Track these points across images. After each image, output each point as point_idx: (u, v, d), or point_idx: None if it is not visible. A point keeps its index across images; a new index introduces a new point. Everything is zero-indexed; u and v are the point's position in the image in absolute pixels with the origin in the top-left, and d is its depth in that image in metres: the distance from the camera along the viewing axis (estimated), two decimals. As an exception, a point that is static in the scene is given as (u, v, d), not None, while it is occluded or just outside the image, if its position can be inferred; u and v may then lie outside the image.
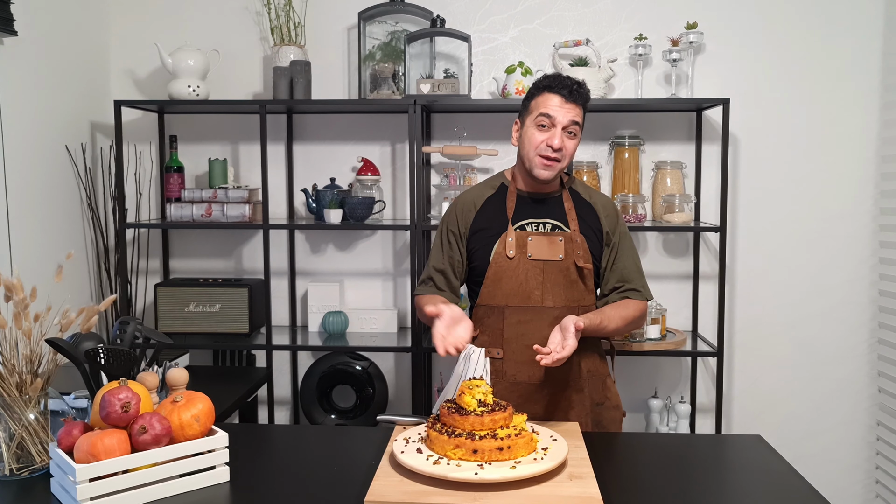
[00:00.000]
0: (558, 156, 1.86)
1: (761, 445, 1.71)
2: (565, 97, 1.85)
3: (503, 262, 1.90)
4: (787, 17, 2.88)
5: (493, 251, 1.91)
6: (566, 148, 1.86)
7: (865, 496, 3.02)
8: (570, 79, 1.87)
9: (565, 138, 1.86)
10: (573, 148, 1.89)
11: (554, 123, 1.85)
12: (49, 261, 2.59)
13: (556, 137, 1.84)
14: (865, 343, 2.97)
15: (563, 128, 1.85)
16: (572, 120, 1.85)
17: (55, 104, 2.70)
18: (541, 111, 1.86)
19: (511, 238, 1.90)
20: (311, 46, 2.94)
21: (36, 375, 1.51)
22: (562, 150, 1.85)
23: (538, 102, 1.88)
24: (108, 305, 1.68)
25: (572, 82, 1.86)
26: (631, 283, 1.95)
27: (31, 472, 1.50)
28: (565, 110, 1.85)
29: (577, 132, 1.88)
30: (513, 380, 1.92)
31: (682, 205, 2.75)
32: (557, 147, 1.84)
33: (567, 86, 1.85)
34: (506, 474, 1.35)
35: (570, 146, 1.87)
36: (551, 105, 1.85)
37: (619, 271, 1.96)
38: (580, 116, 1.87)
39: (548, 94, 1.86)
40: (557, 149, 1.84)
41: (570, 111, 1.85)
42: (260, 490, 1.44)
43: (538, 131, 1.87)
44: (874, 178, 2.92)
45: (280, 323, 3.10)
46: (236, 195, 2.83)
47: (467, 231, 1.97)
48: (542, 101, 1.87)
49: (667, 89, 2.91)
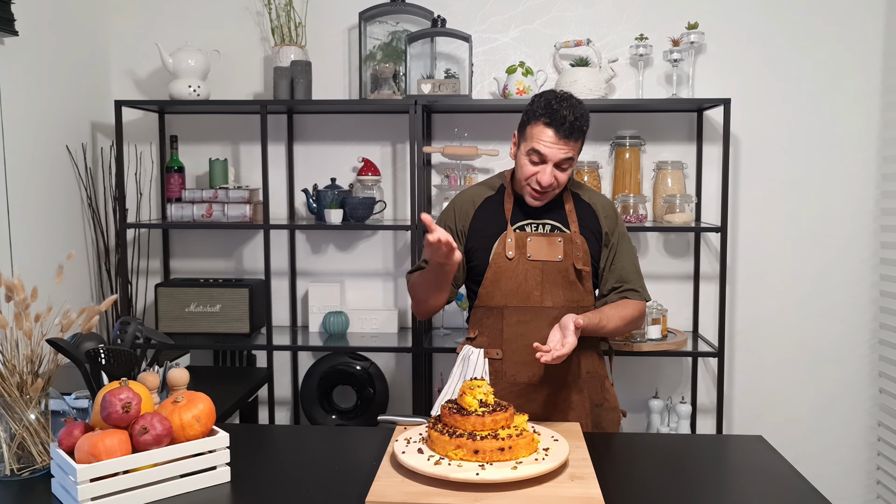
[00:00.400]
0: (548, 189, 1.85)
1: (762, 446, 1.71)
2: (560, 135, 1.79)
3: (502, 262, 1.90)
4: (787, 17, 2.88)
5: (493, 251, 1.91)
6: (557, 180, 1.85)
7: (866, 496, 3.02)
8: (570, 111, 1.79)
9: (557, 172, 1.84)
10: (566, 177, 1.87)
11: (545, 161, 1.82)
12: (50, 261, 2.59)
13: (546, 175, 1.82)
14: (866, 343, 2.97)
15: (556, 164, 1.83)
16: (565, 157, 1.82)
17: (56, 104, 2.70)
18: (533, 146, 1.82)
19: (510, 238, 1.90)
20: (311, 46, 2.94)
21: (37, 376, 1.51)
22: (552, 184, 1.84)
23: (533, 133, 1.83)
24: (108, 306, 1.68)
25: (572, 117, 1.79)
26: (630, 284, 1.96)
27: (31, 473, 1.49)
28: (558, 148, 1.80)
29: (571, 165, 1.85)
30: (512, 380, 1.92)
31: (683, 205, 2.75)
32: (546, 185, 1.83)
33: (564, 123, 1.78)
34: (507, 475, 1.34)
35: (561, 178, 1.86)
36: (544, 141, 1.80)
37: (617, 272, 1.96)
38: (575, 150, 1.84)
39: (543, 127, 1.81)
40: (546, 185, 1.83)
41: (562, 149, 1.81)
42: (261, 490, 1.44)
43: (529, 164, 1.85)
44: (875, 178, 2.92)
45: (280, 323, 3.09)
46: (237, 195, 2.83)
47: (466, 229, 1.96)
48: (538, 132, 1.82)
49: (667, 89, 2.91)
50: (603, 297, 1.98)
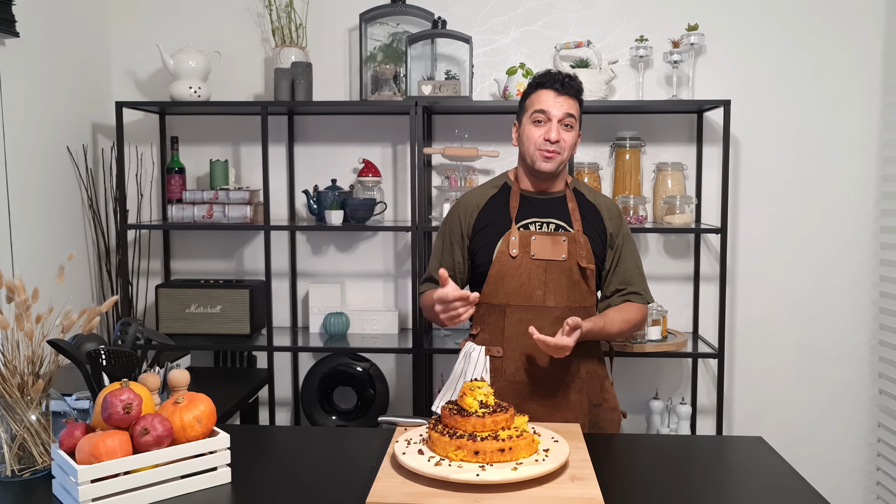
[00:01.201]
0: (557, 148, 1.88)
1: (762, 447, 1.71)
2: (558, 90, 1.89)
3: (506, 260, 1.91)
4: (787, 18, 2.88)
5: (497, 250, 1.92)
6: (564, 140, 1.89)
7: (866, 497, 3.02)
8: (560, 73, 1.92)
9: (562, 131, 1.89)
10: (571, 140, 1.91)
11: (549, 118, 1.88)
12: (51, 262, 2.59)
13: (553, 130, 1.87)
14: (866, 344, 2.97)
15: (559, 121, 1.88)
16: (567, 112, 1.88)
17: (57, 105, 2.70)
18: (535, 108, 1.90)
19: (514, 237, 1.91)
20: (312, 48, 2.94)
21: (38, 376, 1.51)
22: (559, 143, 1.88)
23: (532, 100, 1.92)
24: (109, 307, 1.69)
25: (563, 76, 1.91)
26: (633, 287, 1.97)
27: (32, 474, 1.50)
28: (559, 103, 1.88)
29: (574, 124, 1.91)
30: (512, 378, 1.92)
31: (683, 206, 2.75)
32: (555, 139, 1.87)
33: (558, 80, 1.90)
34: (507, 476, 1.35)
35: (567, 138, 1.90)
36: (545, 100, 1.89)
37: (621, 274, 1.97)
38: (575, 108, 1.90)
39: (541, 91, 1.91)
40: (555, 141, 1.87)
41: (563, 104, 1.89)
42: (261, 491, 1.44)
43: (535, 127, 1.90)
44: (875, 179, 2.92)
45: (281, 324, 3.10)
46: (237, 196, 2.84)
47: (470, 230, 1.97)
48: (536, 98, 1.91)
49: (668, 91, 2.91)
50: (606, 299, 1.99)
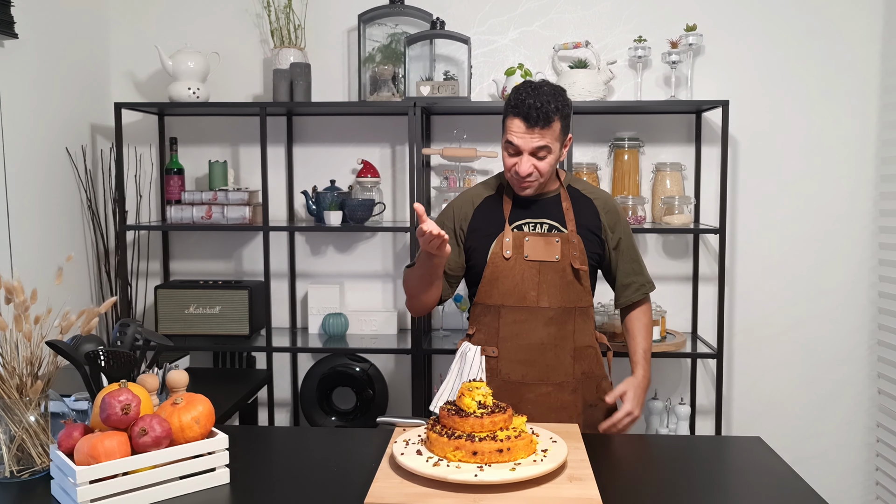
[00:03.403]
0: (529, 179, 1.87)
1: (761, 447, 1.71)
2: (528, 124, 1.80)
3: (500, 262, 1.91)
4: (786, 19, 2.88)
5: (490, 251, 1.92)
6: (538, 170, 1.85)
7: (865, 497, 3.02)
8: (536, 98, 1.79)
9: (535, 161, 1.84)
10: (547, 166, 1.86)
11: (519, 151, 1.84)
12: (49, 263, 2.59)
13: (523, 165, 1.84)
14: (865, 344, 2.97)
15: (530, 153, 1.83)
16: (537, 146, 1.82)
17: (55, 106, 2.70)
18: (507, 138, 1.85)
19: (508, 238, 1.91)
20: (310, 49, 2.94)
21: (36, 377, 1.51)
22: (532, 174, 1.86)
23: (506, 126, 1.86)
24: (108, 307, 1.69)
25: (538, 104, 1.78)
26: (642, 278, 2.04)
27: (31, 475, 1.50)
28: (528, 138, 1.81)
29: (548, 153, 1.84)
30: (506, 378, 1.93)
31: (682, 207, 2.75)
32: (525, 174, 1.85)
33: (526, 110, 1.79)
34: (505, 476, 1.35)
35: (542, 166, 1.85)
36: (514, 132, 1.83)
37: (629, 265, 2.02)
38: (550, 136, 1.81)
39: (512, 119, 1.83)
40: (525, 175, 1.85)
41: (533, 138, 1.81)
42: (260, 492, 1.44)
43: (507, 156, 1.88)
44: (873, 179, 2.92)
45: (280, 325, 3.10)
46: (236, 197, 2.84)
47: (465, 228, 1.98)
48: (509, 124, 1.85)
49: (666, 91, 2.91)
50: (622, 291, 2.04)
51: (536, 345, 1.91)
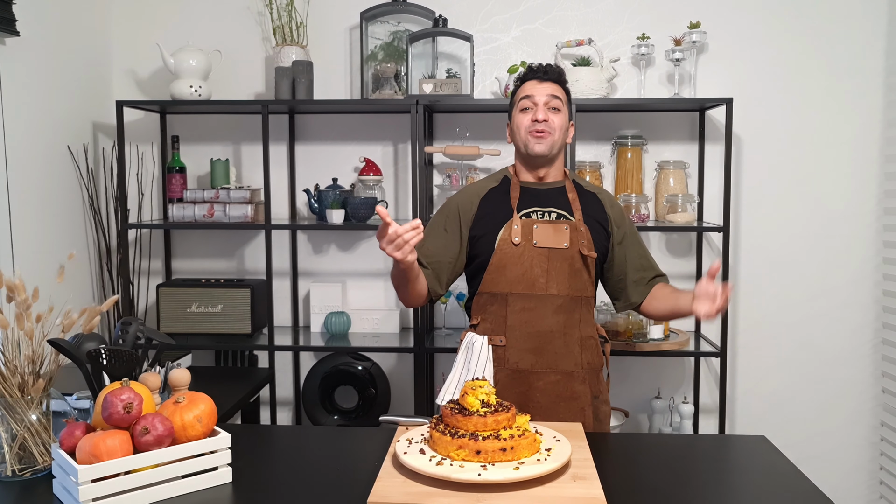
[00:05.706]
0: (545, 127, 1.92)
1: (765, 446, 1.71)
2: (539, 78, 1.98)
3: (508, 248, 1.91)
4: (790, 16, 2.87)
5: (498, 238, 1.92)
6: (552, 121, 1.93)
7: (869, 497, 3.01)
8: (540, 64, 2.02)
9: (549, 112, 1.93)
10: (560, 122, 1.95)
11: (535, 102, 1.95)
12: (51, 261, 2.59)
13: (540, 111, 1.93)
14: (869, 343, 2.96)
15: (545, 103, 1.93)
16: (550, 94, 1.94)
17: (57, 104, 2.70)
18: (521, 96, 1.98)
19: (517, 225, 1.91)
20: (313, 46, 2.94)
21: (38, 376, 1.51)
22: (548, 122, 1.92)
23: (518, 93, 2.01)
24: (110, 306, 1.68)
25: (543, 65, 2.01)
26: (655, 270, 2.04)
27: (33, 473, 1.49)
28: (541, 88, 1.96)
29: (560, 107, 1.95)
30: (515, 367, 1.92)
31: (685, 205, 2.74)
32: (542, 119, 1.92)
33: (539, 70, 2.00)
34: (509, 475, 1.34)
35: (555, 119, 1.94)
36: (528, 88, 1.98)
37: (639, 260, 2.02)
38: (559, 92, 1.96)
39: (524, 84, 2.00)
40: (542, 120, 1.92)
41: (546, 87, 1.95)
42: (262, 491, 1.43)
43: (523, 114, 1.96)
44: (878, 177, 2.91)
45: (282, 323, 3.09)
46: (238, 195, 2.83)
47: (470, 219, 1.96)
48: (521, 90, 2.00)
49: (669, 89, 2.90)
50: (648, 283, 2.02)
51: (545, 332, 1.90)
